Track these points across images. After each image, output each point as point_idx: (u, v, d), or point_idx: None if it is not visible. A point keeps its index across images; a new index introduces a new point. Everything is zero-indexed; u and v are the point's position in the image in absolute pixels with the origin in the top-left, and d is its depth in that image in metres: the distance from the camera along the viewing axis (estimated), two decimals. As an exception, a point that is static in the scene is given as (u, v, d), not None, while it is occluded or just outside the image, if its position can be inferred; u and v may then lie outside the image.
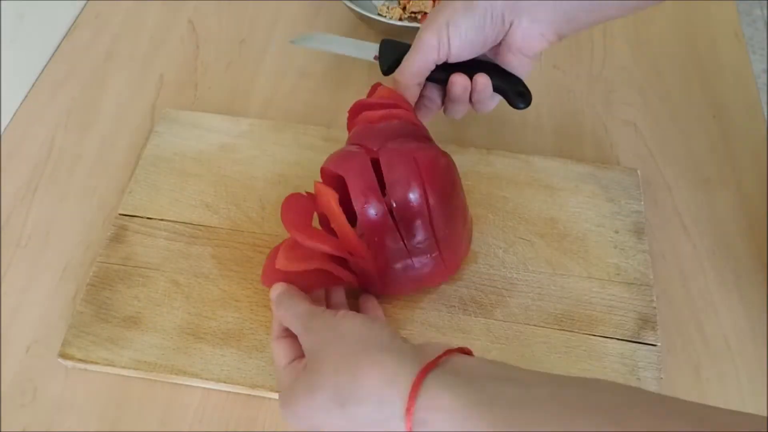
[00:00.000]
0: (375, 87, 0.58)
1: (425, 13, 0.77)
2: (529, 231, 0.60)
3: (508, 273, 0.57)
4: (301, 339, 0.45)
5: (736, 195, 0.65)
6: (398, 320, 0.54)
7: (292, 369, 0.45)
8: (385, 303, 0.54)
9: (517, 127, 0.69)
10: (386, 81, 0.59)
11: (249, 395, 0.52)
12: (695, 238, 0.62)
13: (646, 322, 0.55)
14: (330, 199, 0.48)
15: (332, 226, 0.49)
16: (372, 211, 0.48)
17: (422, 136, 0.54)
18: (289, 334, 0.47)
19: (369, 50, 0.63)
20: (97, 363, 0.52)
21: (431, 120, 0.58)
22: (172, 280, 0.56)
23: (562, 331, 0.54)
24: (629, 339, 0.54)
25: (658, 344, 0.54)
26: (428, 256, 0.51)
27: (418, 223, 0.49)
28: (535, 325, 0.54)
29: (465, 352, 0.41)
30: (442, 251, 0.51)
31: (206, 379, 0.51)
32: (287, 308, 0.46)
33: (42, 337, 0.55)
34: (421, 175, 0.49)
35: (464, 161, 0.64)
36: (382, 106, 0.54)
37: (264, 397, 0.52)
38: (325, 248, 0.48)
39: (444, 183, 0.50)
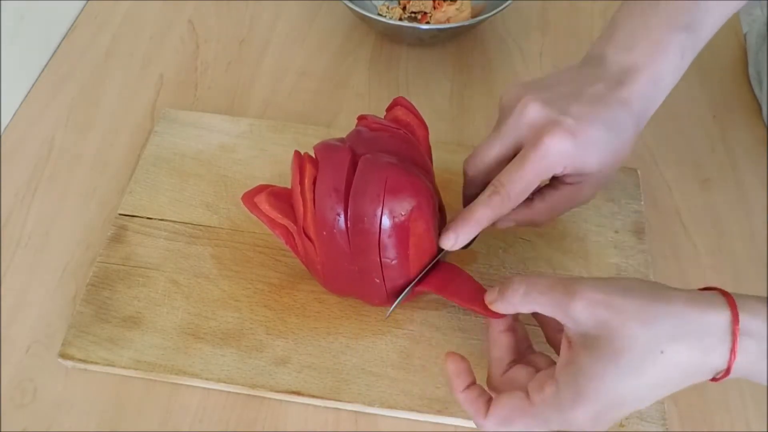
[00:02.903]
0: (395, 102, 0.56)
1: (425, 13, 0.77)
2: (529, 231, 0.60)
3: (508, 273, 0.57)
4: (570, 311, 0.39)
5: (736, 195, 0.65)
6: (398, 320, 0.54)
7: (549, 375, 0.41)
8: (385, 303, 0.54)
9: (517, 127, 0.69)
10: (406, 93, 0.55)
11: (249, 395, 0.52)
12: (695, 238, 0.62)
13: (646, 322, 0.55)
14: (307, 176, 0.49)
15: (294, 198, 0.50)
16: (329, 206, 0.48)
17: (417, 162, 0.51)
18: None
19: None
20: (97, 363, 0.52)
21: (428, 119, 0.57)
22: (172, 280, 0.56)
23: (562, 331, 0.54)
24: (629, 339, 0.54)
25: (658, 344, 0.54)
26: (371, 275, 0.50)
27: (368, 239, 0.48)
28: (534, 325, 0.54)
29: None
30: (385, 280, 0.50)
31: (206, 379, 0.51)
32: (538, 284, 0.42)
33: (42, 337, 0.55)
34: (382, 196, 0.47)
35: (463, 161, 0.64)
36: (386, 128, 0.52)
37: (264, 397, 0.52)
38: (282, 212, 0.50)
39: (403, 212, 0.48)
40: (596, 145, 0.46)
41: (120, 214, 0.60)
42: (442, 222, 0.54)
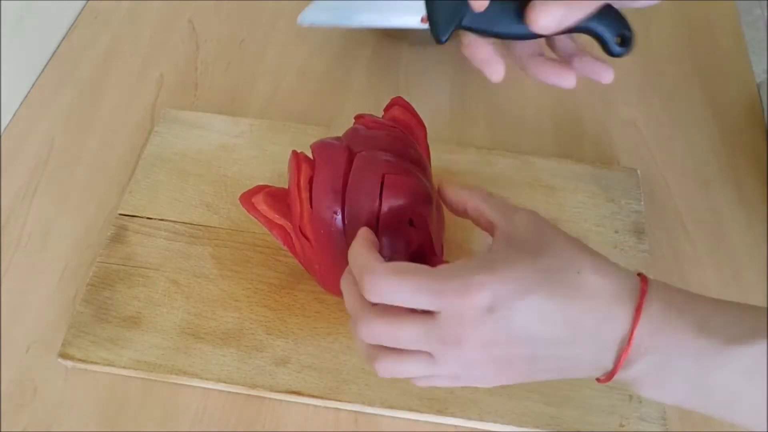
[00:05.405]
0: (393, 102, 0.56)
1: (425, 13, 0.77)
2: (529, 231, 0.60)
3: (508, 273, 0.57)
4: (517, 213, 0.41)
5: (736, 195, 0.65)
6: (398, 320, 0.54)
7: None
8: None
9: (517, 127, 0.69)
10: (406, 93, 0.54)
11: (249, 395, 0.52)
12: (695, 238, 0.62)
13: (646, 322, 0.55)
14: (302, 175, 0.49)
15: (291, 197, 0.50)
16: (326, 204, 0.48)
17: (414, 161, 0.51)
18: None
19: (406, 12, 0.45)
20: (97, 363, 0.52)
21: (427, 119, 0.57)
22: (172, 280, 0.56)
23: (562, 331, 0.54)
24: (629, 339, 0.54)
25: (658, 344, 0.54)
26: None
27: None
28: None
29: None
30: None
31: (206, 379, 0.51)
32: (488, 197, 0.43)
33: (42, 337, 0.55)
34: (380, 194, 0.47)
35: (464, 161, 0.64)
36: (383, 126, 0.53)
37: (264, 397, 0.52)
38: (280, 212, 0.50)
39: (401, 210, 0.47)
40: None
41: (120, 214, 0.60)
42: (440, 222, 0.54)
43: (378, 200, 0.47)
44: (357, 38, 0.77)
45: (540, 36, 0.45)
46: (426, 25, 0.44)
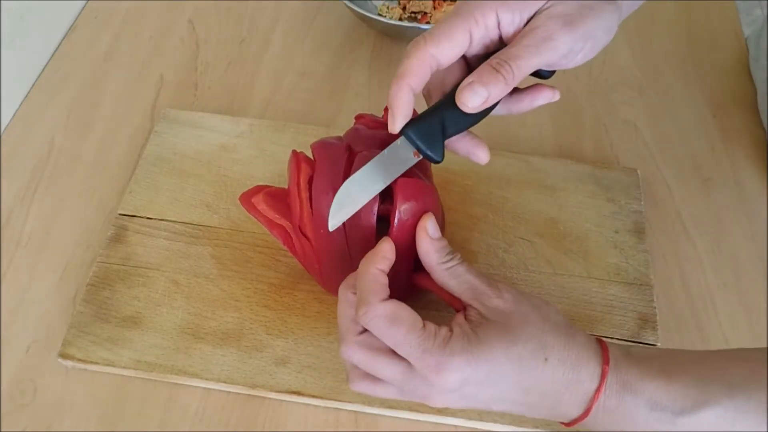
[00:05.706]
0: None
1: (425, 13, 0.77)
2: (529, 231, 0.60)
3: (508, 273, 0.57)
4: (491, 300, 0.43)
5: (736, 195, 0.65)
6: (398, 320, 0.54)
7: (447, 331, 0.41)
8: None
9: (517, 127, 0.69)
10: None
11: (249, 395, 0.52)
12: (695, 238, 0.62)
13: (646, 322, 0.55)
14: (302, 175, 0.49)
15: (291, 197, 0.50)
16: (326, 203, 0.47)
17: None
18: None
19: (400, 158, 0.46)
20: (97, 363, 0.52)
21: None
22: (172, 280, 0.56)
23: (562, 331, 0.54)
24: (629, 339, 0.54)
25: (658, 344, 0.54)
26: None
27: (365, 235, 0.48)
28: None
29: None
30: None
31: (206, 379, 0.51)
32: (466, 270, 0.44)
33: (42, 337, 0.55)
34: (393, 197, 0.47)
35: (464, 161, 0.64)
36: (384, 126, 0.53)
37: (264, 397, 0.52)
38: (279, 212, 0.50)
39: (400, 207, 0.47)
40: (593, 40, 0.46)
41: (120, 214, 0.60)
42: (441, 221, 0.54)
43: (377, 198, 0.47)
44: (357, 38, 0.78)
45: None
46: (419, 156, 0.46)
